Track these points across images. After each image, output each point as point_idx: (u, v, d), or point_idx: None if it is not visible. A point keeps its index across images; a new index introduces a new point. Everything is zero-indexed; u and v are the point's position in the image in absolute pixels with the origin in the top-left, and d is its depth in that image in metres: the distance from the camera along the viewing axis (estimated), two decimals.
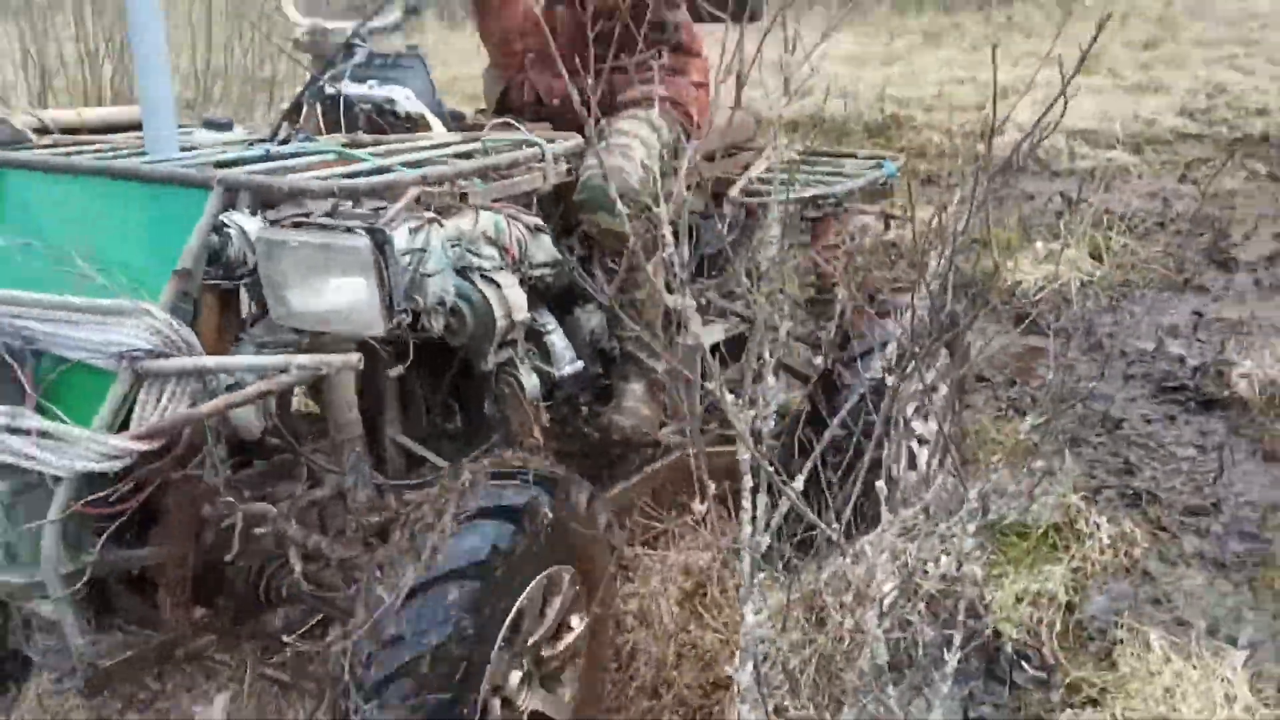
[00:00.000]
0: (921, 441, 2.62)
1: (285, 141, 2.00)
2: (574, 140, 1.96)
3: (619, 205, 1.64)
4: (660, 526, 2.45)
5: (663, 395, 2.30)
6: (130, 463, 1.57)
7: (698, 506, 1.64)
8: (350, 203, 1.69)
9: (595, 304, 2.22)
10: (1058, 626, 2.30)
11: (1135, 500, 2.90)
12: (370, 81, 2.21)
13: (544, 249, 2.00)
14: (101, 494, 1.58)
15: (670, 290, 1.61)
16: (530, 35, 2.40)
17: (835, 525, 1.59)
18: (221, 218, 1.65)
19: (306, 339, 1.75)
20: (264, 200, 1.69)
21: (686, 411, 1.64)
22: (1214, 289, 4.53)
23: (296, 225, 1.64)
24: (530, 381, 2.00)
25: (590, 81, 1.60)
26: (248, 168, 1.77)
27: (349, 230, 1.59)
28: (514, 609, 1.69)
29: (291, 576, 1.79)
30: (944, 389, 2.69)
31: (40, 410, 1.63)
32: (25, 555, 1.65)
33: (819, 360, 2.68)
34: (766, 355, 1.51)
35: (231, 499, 1.73)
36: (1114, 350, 3.88)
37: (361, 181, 1.71)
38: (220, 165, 1.78)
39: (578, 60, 1.78)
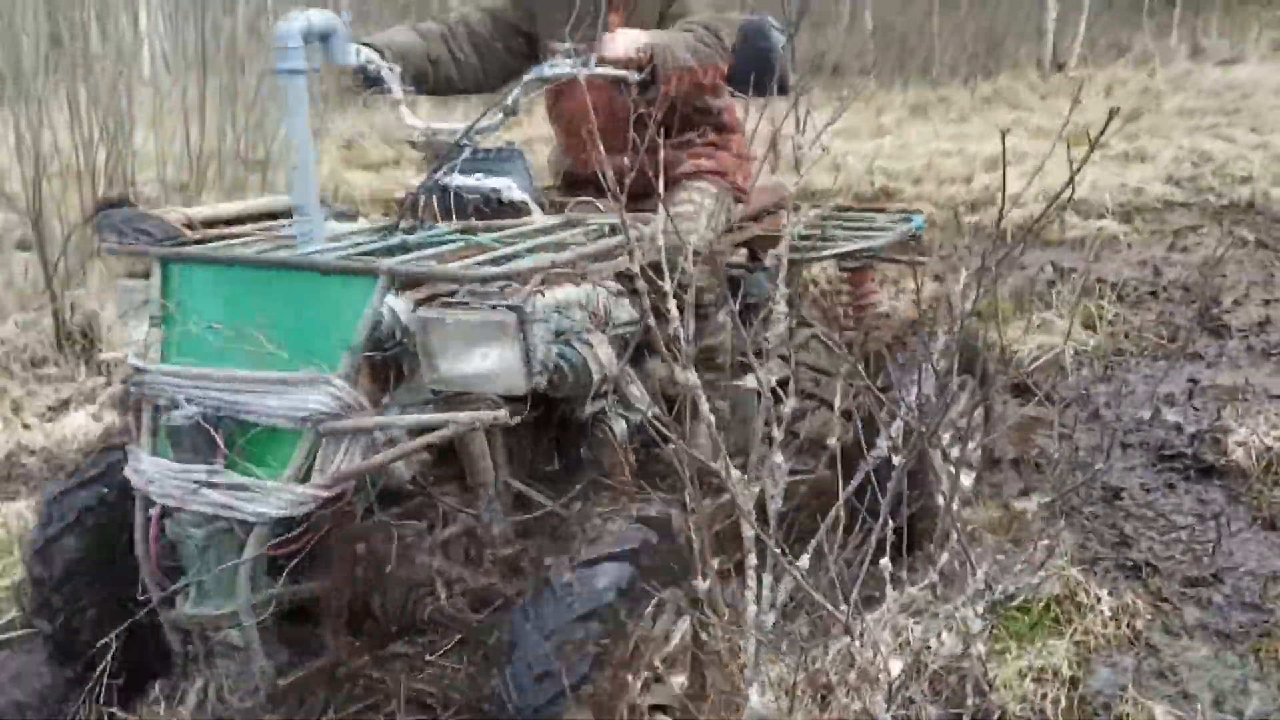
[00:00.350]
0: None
1: (411, 231, 2.30)
2: (654, 222, 2.08)
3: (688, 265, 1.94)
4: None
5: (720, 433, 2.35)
6: (312, 508, 1.89)
7: (699, 584, 1.65)
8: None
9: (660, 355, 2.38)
10: (1063, 702, 2.29)
11: (1135, 571, 2.89)
12: (477, 174, 2.50)
13: (624, 310, 2.29)
14: (286, 536, 1.92)
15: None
16: (593, 117, 2.43)
17: (843, 607, 1.60)
18: None
19: (442, 399, 2.05)
20: (406, 283, 1.99)
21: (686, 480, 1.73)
22: (1208, 356, 4.56)
23: (446, 304, 1.97)
24: (619, 427, 2.30)
25: (649, 158, 1.92)
26: (400, 258, 2.08)
27: (495, 308, 1.92)
28: (635, 635, 1.90)
29: (436, 604, 2.06)
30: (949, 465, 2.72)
31: (229, 466, 1.95)
32: (216, 591, 1.97)
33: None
34: (775, 432, 1.53)
35: (387, 536, 2.03)
36: (1113, 421, 3.89)
37: (509, 268, 2.02)
38: (370, 255, 2.11)
39: (637, 139, 1.99)
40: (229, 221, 2.46)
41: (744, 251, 3.11)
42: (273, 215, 2.51)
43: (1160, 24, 15.35)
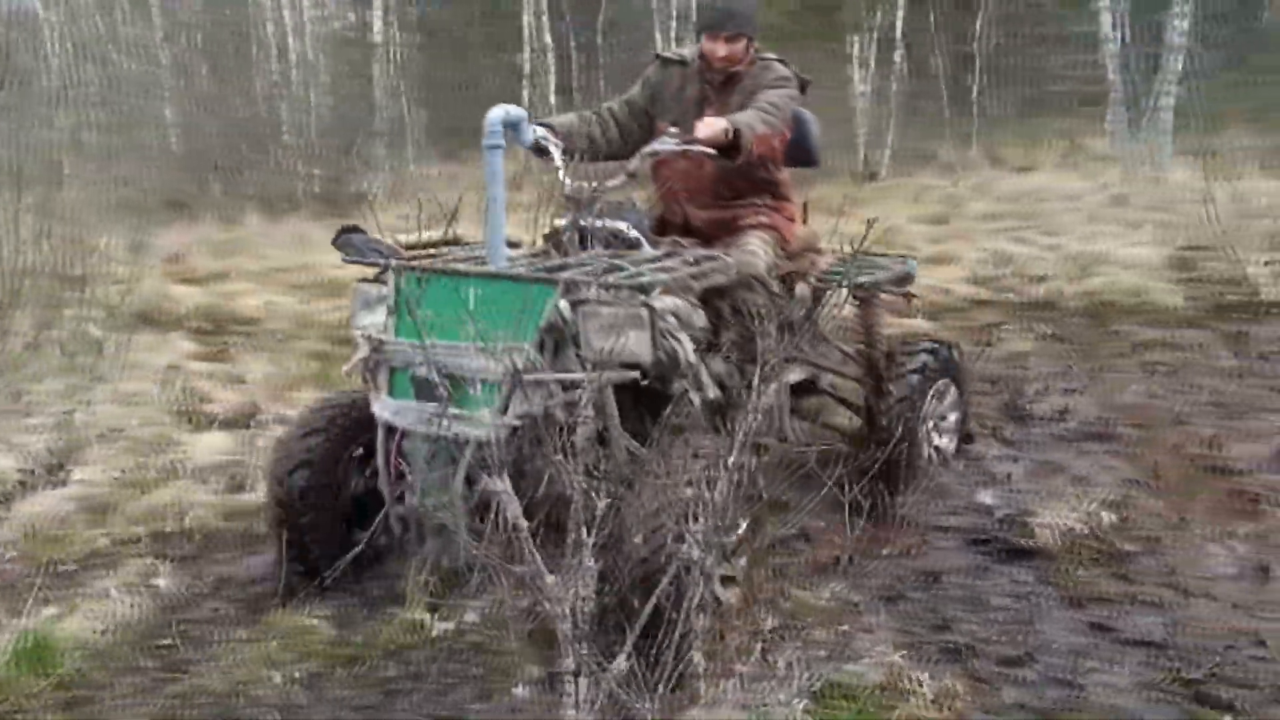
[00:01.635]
0: None
1: (565, 254, 3.39)
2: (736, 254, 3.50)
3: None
4: None
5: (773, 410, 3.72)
6: (506, 434, 2.84)
7: (517, 691, 1.62)
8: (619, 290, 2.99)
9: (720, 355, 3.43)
10: None
11: (955, 653, 2.97)
12: (605, 219, 3.54)
13: (700, 319, 3.23)
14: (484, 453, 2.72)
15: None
16: (689, 180, 3.82)
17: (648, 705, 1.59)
18: None
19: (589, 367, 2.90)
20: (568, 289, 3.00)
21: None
22: (1016, 440, 4.79)
23: (598, 303, 2.97)
24: (696, 400, 3.19)
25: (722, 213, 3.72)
26: (569, 272, 3.10)
27: (634, 305, 2.93)
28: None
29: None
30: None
31: (453, 404, 2.96)
32: (434, 491, 3.05)
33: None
34: (584, 536, 1.52)
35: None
36: (931, 504, 4.03)
37: (646, 281, 3.04)
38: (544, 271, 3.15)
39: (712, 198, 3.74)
40: (421, 246, 3.76)
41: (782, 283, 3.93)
42: (445, 243, 3.88)
43: (961, 135, 16.43)
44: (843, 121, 14.96)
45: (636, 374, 3.00)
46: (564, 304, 2.99)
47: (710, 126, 3.37)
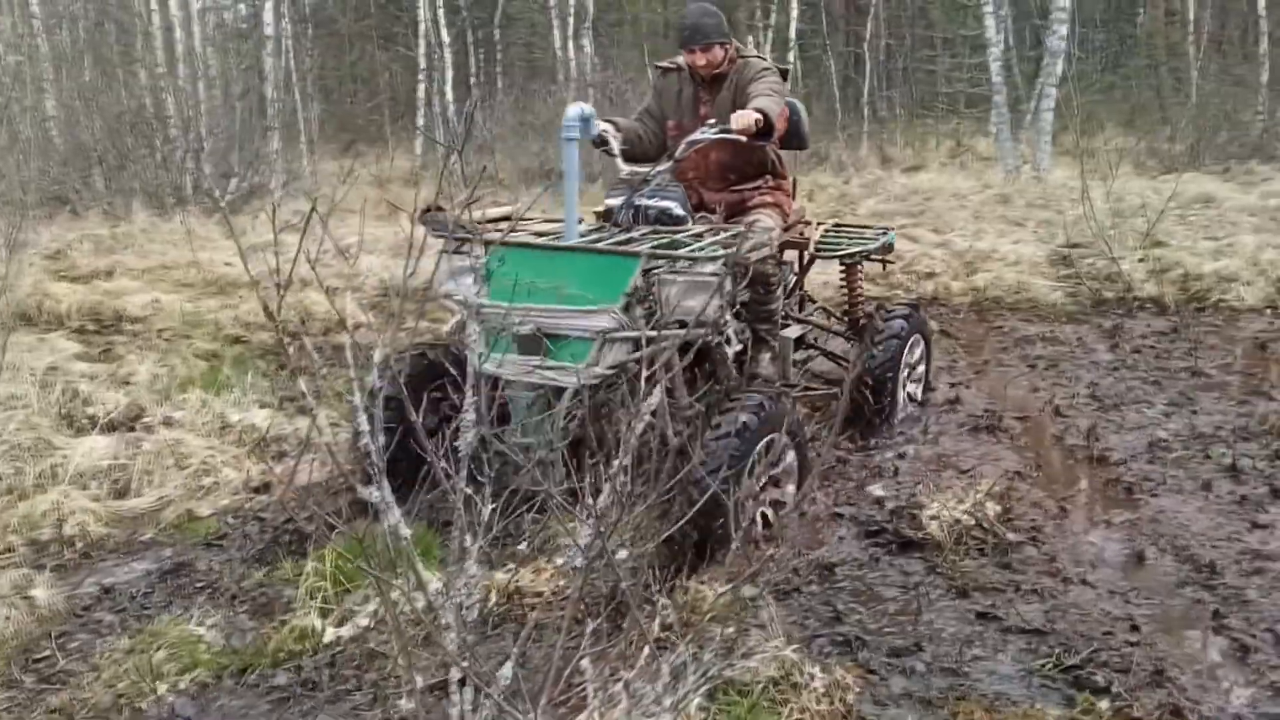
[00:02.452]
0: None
1: (628, 230, 4.00)
2: (753, 231, 4.22)
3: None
4: None
5: (778, 361, 4.54)
6: (596, 382, 3.52)
7: (403, 703, 1.60)
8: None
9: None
10: None
11: (847, 645, 3.03)
12: (655, 197, 4.11)
13: (728, 284, 3.71)
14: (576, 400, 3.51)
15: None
16: (698, 167, 4.49)
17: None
18: None
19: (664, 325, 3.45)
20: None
21: None
22: (909, 433, 4.90)
23: (673, 271, 3.54)
24: (731, 352, 3.95)
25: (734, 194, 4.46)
26: (649, 245, 3.70)
27: (707, 274, 3.50)
28: (753, 452, 3.48)
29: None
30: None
31: (549, 357, 3.59)
32: (533, 431, 3.61)
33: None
34: (469, 543, 1.51)
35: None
36: (827, 499, 4.10)
37: (717, 253, 3.60)
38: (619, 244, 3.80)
39: (722, 181, 4.49)
40: (492, 220, 4.21)
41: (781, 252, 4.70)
42: (506, 217, 4.28)
43: (852, 135, 16.75)
44: None
45: (703, 331, 3.67)
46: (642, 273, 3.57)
47: (743, 118, 4.02)
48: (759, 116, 4.00)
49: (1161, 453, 4.54)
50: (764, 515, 3.73)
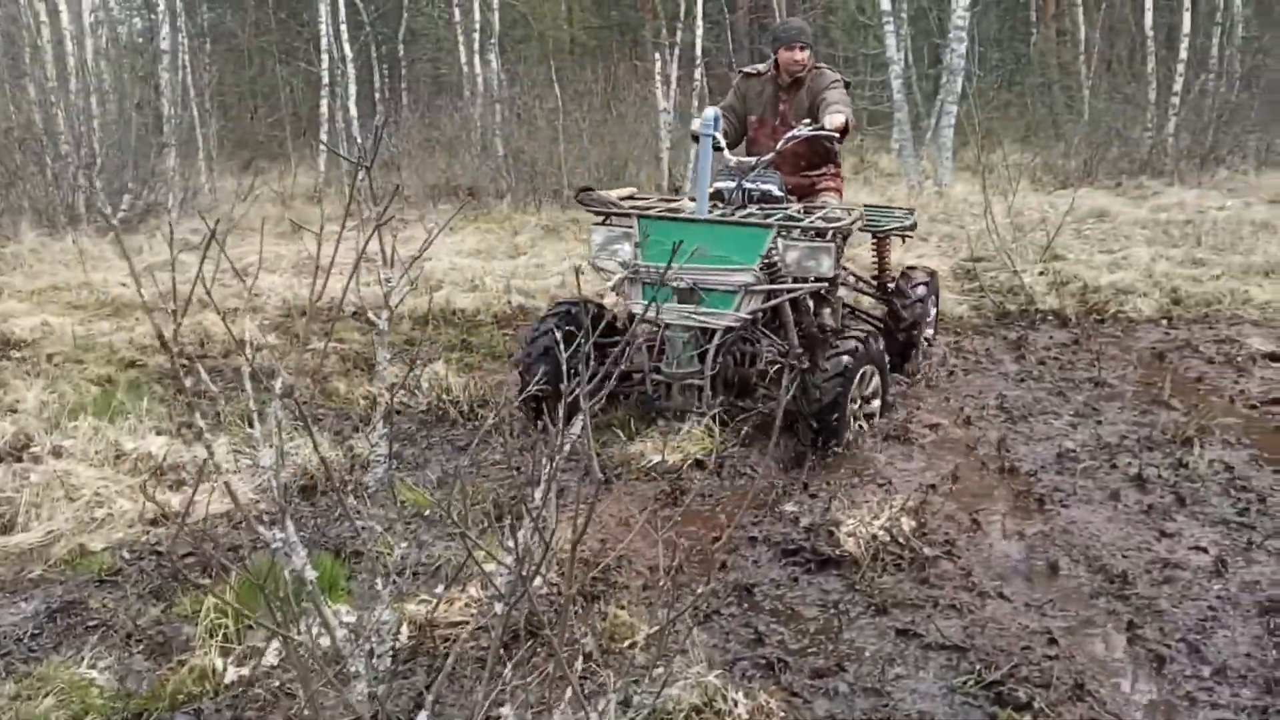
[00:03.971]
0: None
1: (739, 207, 4.99)
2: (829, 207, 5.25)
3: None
4: None
5: (835, 313, 5.44)
6: (737, 325, 4.71)
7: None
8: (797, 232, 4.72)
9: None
10: None
11: (770, 669, 2.99)
12: (757, 180, 5.10)
13: None
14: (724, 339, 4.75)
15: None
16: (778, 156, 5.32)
17: None
18: None
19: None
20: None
21: None
22: (816, 452, 4.89)
23: (793, 239, 4.68)
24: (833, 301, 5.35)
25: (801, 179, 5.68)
26: (776, 219, 4.71)
27: (824, 241, 4.72)
28: (858, 375, 4.76)
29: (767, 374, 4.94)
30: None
31: (701, 304, 4.67)
32: (687, 364, 4.72)
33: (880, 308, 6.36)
34: (379, 587, 1.43)
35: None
36: (737, 524, 4.07)
37: (831, 226, 4.75)
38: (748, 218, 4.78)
39: (794, 169, 5.60)
40: (625, 199, 5.13)
41: None
42: (630, 196, 5.24)
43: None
44: (646, 135, 15.14)
45: (822, 284, 4.97)
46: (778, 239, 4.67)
47: (835, 120, 5.19)
48: (847, 118, 5.25)
49: (1070, 463, 4.61)
50: (860, 424, 5.02)
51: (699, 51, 16.29)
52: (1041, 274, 8.58)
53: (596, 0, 29.33)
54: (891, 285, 6.29)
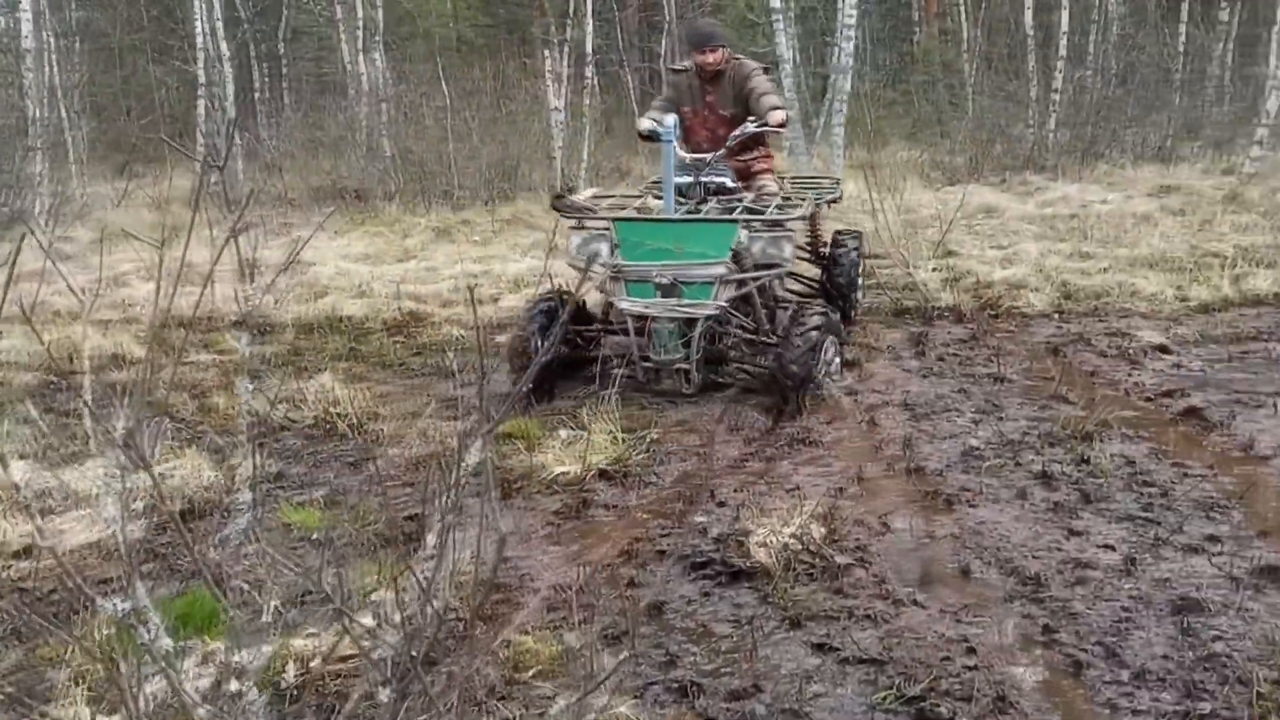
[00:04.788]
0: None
1: (700, 201, 5.74)
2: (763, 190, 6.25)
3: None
4: None
5: (783, 282, 6.22)
6: (717, 313, 5.31)
7: None
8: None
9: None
10: None
11: (683, 693, 2.84)
12: (711, 174, 5.75)
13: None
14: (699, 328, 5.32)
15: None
16: (713, 143, 6.07)
17: None
18: None
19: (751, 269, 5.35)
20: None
21: None
22: (724, 457, 4.78)
23: (757, 231, 5.33)
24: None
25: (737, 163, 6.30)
26: (740, 213, 5.48)
27: (786, 232, 5.35)
28: (822, 346, 5.36)
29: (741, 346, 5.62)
30: None
31: (682, 297, 5.26)
32: (672, 350, 5.24)
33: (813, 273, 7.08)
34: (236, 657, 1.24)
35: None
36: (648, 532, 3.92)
37: (787, 217, 5.43)
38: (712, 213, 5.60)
39: (729, 154, 6.08)
40: (596, 198, 6.03)
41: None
42: (599, 197, 6.09)
43: (652, 150, 16.81)
44: (538, 134, 14.94)
45: (783, 270, 5.63)
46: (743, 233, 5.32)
47: (777, 116, 5.84)
48: (784, 112, 5.89)
49: (976, 461, 4.57)
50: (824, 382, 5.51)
51: (589, 49, 16.12)
52: (935, 270, 8.65)
53: None
54: (825, 251, 7.02)
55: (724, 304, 5.31)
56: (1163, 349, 6.33)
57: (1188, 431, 4.88)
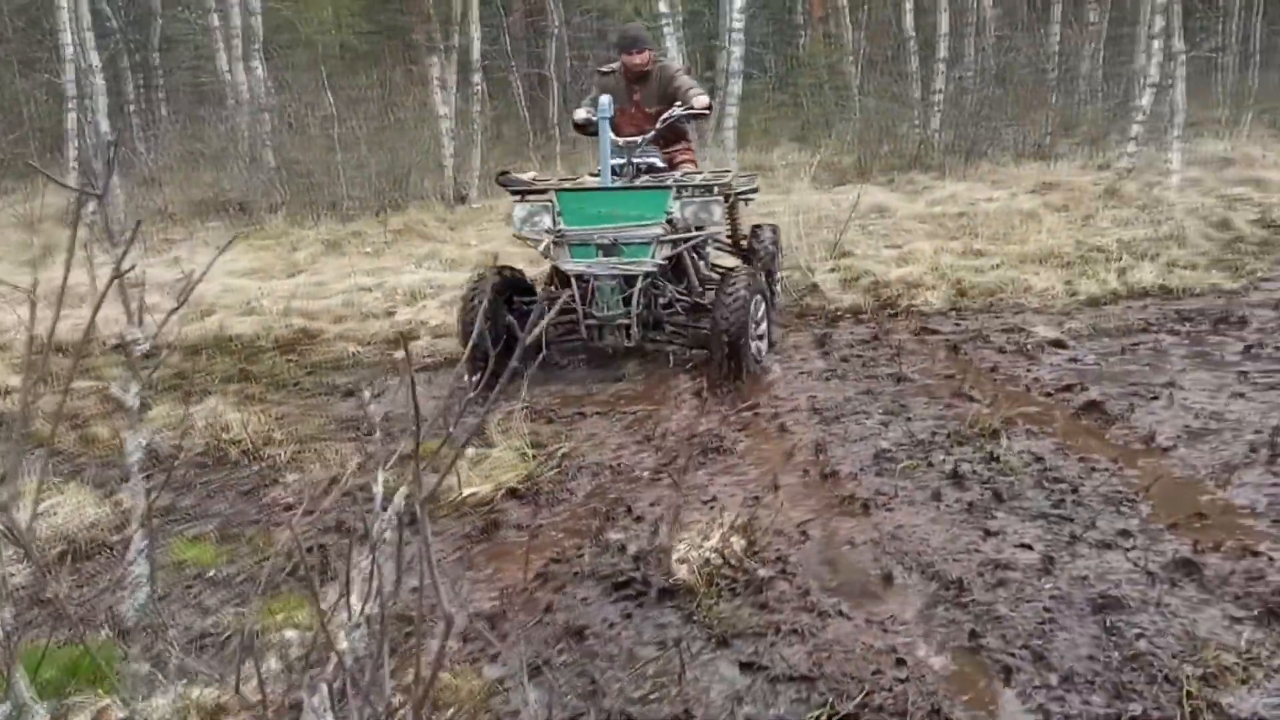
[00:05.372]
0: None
1: (632, 178, 6.36)
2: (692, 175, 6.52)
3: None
4: None
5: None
6: (655, 270, 5.94)
7: None
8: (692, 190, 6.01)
9: None
10: None
11: None
12: (642, 156, 6.43)
13: None
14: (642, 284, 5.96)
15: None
16: (642, 134, 6.50)
17: None
18: None
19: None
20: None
21: None
22: (637, 470, 4.70)
23: (689, 197, 5.92)
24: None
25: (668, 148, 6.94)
26: (674, 180, 6.12)
27: (715, 196, 5.92)
28: (752, 303, 5.83)
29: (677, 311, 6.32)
30: None
31: (623, 256, 5.93)
32: (613, 307, 5.92)
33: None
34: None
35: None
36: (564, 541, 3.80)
37: (717, 184, 6.04)
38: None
39: (658, 145, 6.73)
40: (536, 180, 6.30)
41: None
42: (538, 180, 6.35)
43: (545, 156, 16.71)
44: (428, 142, 14.67)
45: (718, 230, 6.33)
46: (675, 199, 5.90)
47: (702, 100, 6.37)
48: (707, 98, 6.43)
49: (888, 464, 4.57)
50: (756, 348, 6.04)
51: (476, 55, 15.89)
52: (833, 271, 8.71)
53: (366, 4, 28.40)
54: (744, 242, 7.51)
55: (662, 261, 5.90)
56: (1058, 344, 6.46)
57: (1090, 425, 4.96)
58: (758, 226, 7.73)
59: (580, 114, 6.64)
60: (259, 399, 6.04)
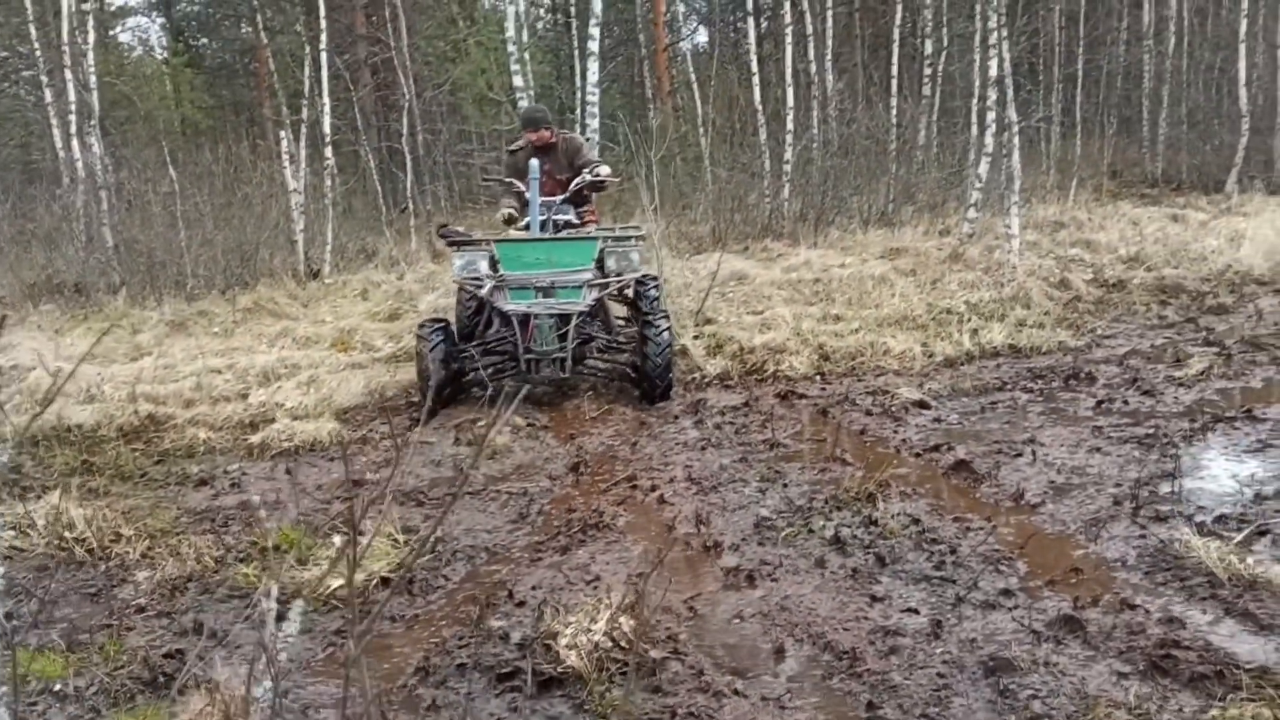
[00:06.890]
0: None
1: (555, 231, 7.45)
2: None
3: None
4: None
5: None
6: (587, 310, 7.05)
7: None
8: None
9: None
10: None
11: None
12: (559, 213, 7.61)
13: None
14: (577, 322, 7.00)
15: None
16: (552, 193, 7.70)
17: None
18: None
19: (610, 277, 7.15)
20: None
21: None
22: (509, 546, 4.54)
23: (610, 246, 7.13)
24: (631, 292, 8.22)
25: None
26: (601, 234, 7.46)
27: (633, 243, 7.25)
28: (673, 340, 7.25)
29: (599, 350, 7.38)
30: None
31: (558, 298, 6.91)
32: (549, 344, 6.85)
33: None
34: None
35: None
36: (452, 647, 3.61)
37: (635, 236, 7.45)
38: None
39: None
40: (465, 234, 7.72)
41: None
42: (472, 231, 8.78)
43: (400, 230, 16.50)
44: (277, 217, 14.29)
45: (640, 275, 7.51)
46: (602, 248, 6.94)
47: (604, 169, 7.59)
48: (610, 170, 7.55)
49: (769, 532, 4.53)
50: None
51: (326, 129, 15.63)
52: (697, 338, 8.75)
53: (207, 79, 27.75)
54: (629, 293, 8.16)
55: (592, 302, 6.92)
56: (921, 404, 6.60)
57: (960, 485, 5.05)
58: (643, 278, 8.28)
59: (503, 212, 7.90)
60: (104, 492, 5.65)
